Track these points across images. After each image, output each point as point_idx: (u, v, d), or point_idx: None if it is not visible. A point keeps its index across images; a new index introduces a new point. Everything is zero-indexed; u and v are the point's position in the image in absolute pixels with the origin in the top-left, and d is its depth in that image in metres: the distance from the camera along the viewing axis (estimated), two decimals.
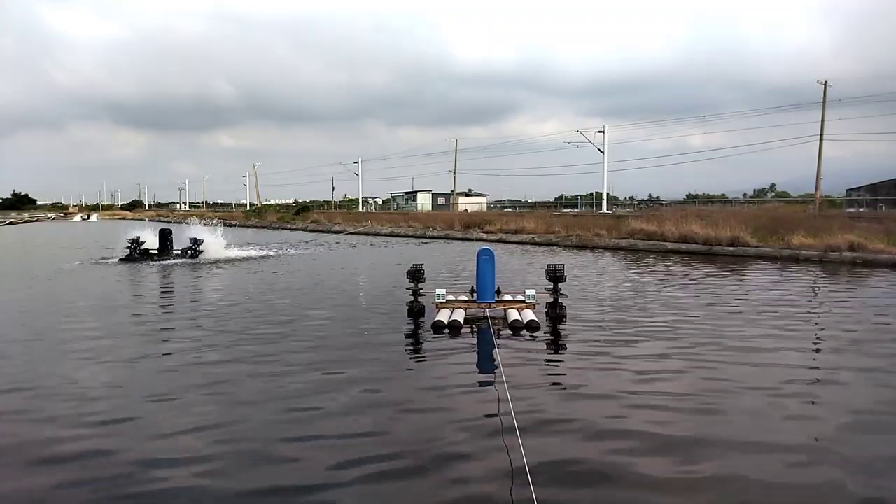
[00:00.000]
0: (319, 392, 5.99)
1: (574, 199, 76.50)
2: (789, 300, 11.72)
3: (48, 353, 7.75)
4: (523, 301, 9.80)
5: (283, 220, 61.75)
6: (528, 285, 11.07)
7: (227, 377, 6.54)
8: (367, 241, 33.94)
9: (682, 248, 22.65)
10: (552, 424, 5.13)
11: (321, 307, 11.04)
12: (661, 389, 6.06)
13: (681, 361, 7.09)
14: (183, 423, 5.20)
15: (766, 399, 5.82)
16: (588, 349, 7.70)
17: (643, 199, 74.53)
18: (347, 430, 5.03)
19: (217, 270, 17.93)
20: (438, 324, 8.85)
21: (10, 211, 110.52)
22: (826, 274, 16.00)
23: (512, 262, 19.17)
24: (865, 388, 6.24)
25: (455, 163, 73.73)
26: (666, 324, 9.23)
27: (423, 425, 5.16)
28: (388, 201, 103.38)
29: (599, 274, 16.44)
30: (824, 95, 45.34)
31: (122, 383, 6.43)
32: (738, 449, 4.65)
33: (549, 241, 28.34)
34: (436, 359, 7.40)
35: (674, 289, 13.19)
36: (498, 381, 6.12)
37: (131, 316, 10.41)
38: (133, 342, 8.29)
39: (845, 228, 20.66)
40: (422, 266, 10.09)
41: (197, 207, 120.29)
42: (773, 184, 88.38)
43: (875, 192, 52.82)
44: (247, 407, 5.60)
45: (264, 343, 8.13)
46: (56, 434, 4.99)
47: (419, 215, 53.19)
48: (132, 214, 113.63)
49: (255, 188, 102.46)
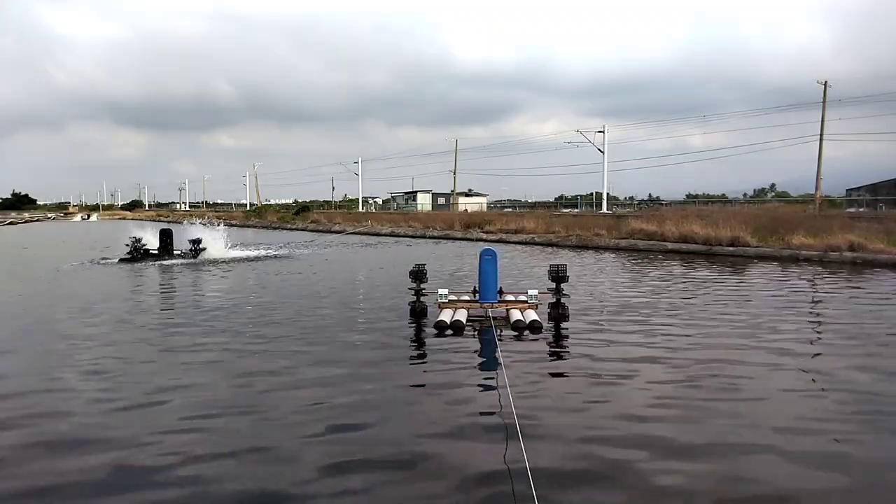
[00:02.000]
0: (320, 391, 6.01)
1: (574, 199, 76.53)
2: (790, 300, 11.75)
3: (47, 351, 7.77)
4: (525, 301, 9.82)
5: (283, 220, 61.75)
6: (529, 285, 11.09)
7: (228, 376, 6.57)
8: (367, 241, 33.94)
9: (683, 248, 22.67)
10: (554, 425, 5.15)
11: (322, 307, 11.06)
12: (664, 391, 6.08)
13: (683, 361, 7.11)
14: (181, 420, 5.24)
15: (770, 401, 5.84)
16: (590, 349, 7.72)
17: (643, 199, 74.56)
18: (349, 428, 5.06)
19: (217, 270, 17.94)
20: (441, 324, 8.87)
21: (11, 211, 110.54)
22: (826, 274, 16.02)
23: (512, 263, 19.18)
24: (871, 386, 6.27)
25: (455, 163, 73.76)
26: (668, 324, 9.25)
27: (425, 425, 5.17)
28: (388, 201, 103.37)
29: (600, 274, 16.45)
30: (824, 95, 45.38)
31: (122, 383, 6.44)
32: (738, 450, 4.67)
33: (549, 241, 28.35)
34: (438, 359, 7.41)
35: (674, 289, 13.22)
36: (500, 382, 6.14)
37: (131, 315, 10.41)
38: (133, 342, 8.30)
39: (845, 228, 20.68)
40: (424, 266, 10.10)
41: (197, 207, 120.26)
42: (773, 184, 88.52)
43: (875, 192, 52.86)
44: (247, 405, 5.63)
45: (265, 342, 8.15)
46: (55, 432, 5.02)
47: (419, 215, 53.20)
48: (132, 214, 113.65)
49: (255, 188, 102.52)
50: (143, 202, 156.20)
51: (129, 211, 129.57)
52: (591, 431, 5.00)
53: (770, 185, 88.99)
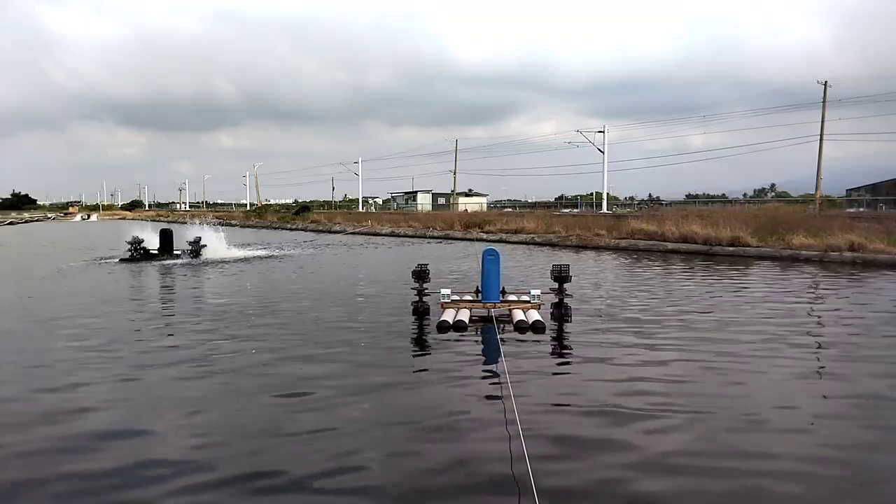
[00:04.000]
0: (322, 391, 6.03)
1: (574, 199, 76.55)
2: (791, 300, 11.76)
3: (46, 349, 7.79)
4: (528, 301, 9.83)
5: (283, 220, 61.74)
6: (530, 285, 11.11)
7: (228, 375, 6.58)
8: (367, 241, 33.95)
9: (683, 249, 22.69)
10: (556, 426, 5.16)
11: (324, 307, 11.07)
12: (667, 390, 6.10)
13: (686, 362, 7.14)
14: (183, 416, 5.27)
15: (773, 402, 5.87)
16: (593, 350, 7.74)
17: (643, 199, 74.64)
18: (349, 426, 5.08)
19: (218, 270, 17.95)
20: (443, 324, 8.89)
21: (11, 211, 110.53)
22: (826, 274, 16.05)
23: (512, 263, 19.19)
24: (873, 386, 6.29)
25: (455, 163, 73.84)
26: (670, 324, 9.27)
27: (426, 426, 5.18)
28: (388, 201, 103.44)
29: (601, 274, 16.48)
30: (824, 95, 45.47)
31: (122, 382, 6.46)
32: (743, 453, 4.70)
33: (549, 242, 28.36)
34: (441, 359, 7.42)
35: (675, 289, 13.24)
36: (503, 382, 6.15)
37: (131, 315, 10.42)
38: (133, 339, 8.32)
39: (845, 228, 20.70)
40: (427, 266, 10.12)
41: (197, 207, 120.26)
42: (773, 184, 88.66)
43: (875, 192, 52.97)
44: (248, 404, 5.66)
45: (266, 342, 8.17)
46: (55, 428, 5.04)
47: (419, 215, 53.24)
48: (132, 214, 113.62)
49: (255, 188, 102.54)
50: (143, 202, 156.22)
51: (129, 211, 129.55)
52: (593, 432, 5.01)
53: (770, 185, 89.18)
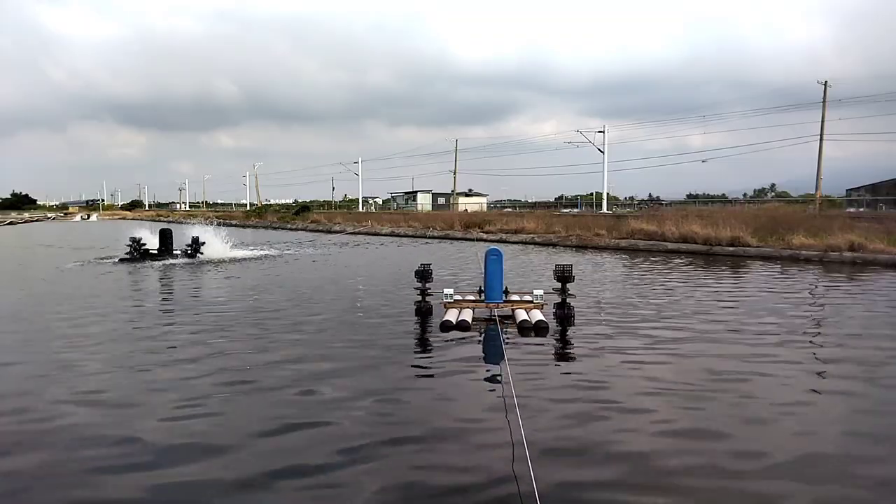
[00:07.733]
0: (324, 390, 6.05)
1: (574, 199, 76.63)
2: (791, 300, 11.79)
3: (45, 348, 7.80)
4: (531, 301, 9.85)
5: (283, 220, 61.76)
6: (530, 285, 11.13)
7: (231, 374, 6.60)
8: (367, 241, 33.96)
9: (683, 249, 22.72)
10: (559, 426, 5.17)
11: (325, 307, 11.08)
12: (670, 390, 6.12)
13: (688, 363, 7.17)
14: (187, 411, 5.31)
15: (771, 400, 5.89)
16: (596, 350, 7.75)
17: (643, 199, 74.68)
18: (351, 426, 5.10)
19: (218, 270, 17.97)
20: (446, 324, 8.91)
21: (11, 211, 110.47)
22: (826, 274, 16.07)
23: (512, 262, 19.21)
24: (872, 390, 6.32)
25: (455, 163, 73.90)
26: (671, 324, 9.29)
27: (428, 426, 5.20)
28: (388, 201, 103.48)
29: (602, 274, 16.50)
30: (824, 95, 45.54)
31: (120, 382, 6.48)
32: (744, 454, 4.72)
33: (549, 242, 28.39)
34: (444, 359, 7.44)
35: (676, 289, 13.26)
36: (506, 382, 6.16)
37: (131, 315, 10.43)
38: (132, 339, 8.33)
39: (845, 228, 20.73)
40: (429, 266, 10.13)
41: (197, 207, 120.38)
42: (773, 184, 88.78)
43: (875, 192, 53.03)
44: (248, 403, 5.69)
45: (268, 341, 8.19)
46: (53, 426, 5.07)
47: (419, 215, 53.28)
48: (132, 214, 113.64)
49: (255, 188, 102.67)
50: (143, 202, 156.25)
51: (129, 211, 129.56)
52: (595, 432, 5.03)
53: (770, 185, 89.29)
